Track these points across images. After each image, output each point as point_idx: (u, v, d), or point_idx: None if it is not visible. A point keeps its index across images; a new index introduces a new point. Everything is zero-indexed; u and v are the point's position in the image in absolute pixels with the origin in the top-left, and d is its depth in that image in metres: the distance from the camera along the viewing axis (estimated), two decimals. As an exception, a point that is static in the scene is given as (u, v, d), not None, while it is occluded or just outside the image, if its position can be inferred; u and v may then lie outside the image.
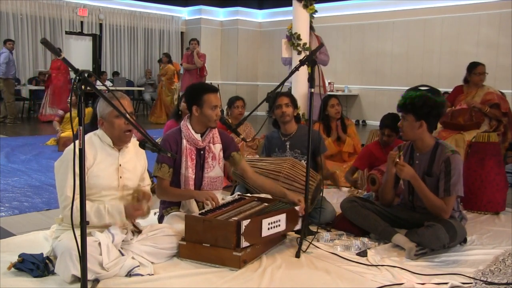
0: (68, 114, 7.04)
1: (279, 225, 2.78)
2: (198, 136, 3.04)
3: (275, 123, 3.97)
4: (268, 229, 2.70)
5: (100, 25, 12.73)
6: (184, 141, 3.04)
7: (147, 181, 2.81)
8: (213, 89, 3.07)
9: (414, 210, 3.15)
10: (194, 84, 3.22)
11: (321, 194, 3.44)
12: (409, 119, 3.01)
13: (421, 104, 2.95)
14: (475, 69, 5.00)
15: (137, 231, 2.70)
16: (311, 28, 6.17)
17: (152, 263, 2.59)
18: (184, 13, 14.31)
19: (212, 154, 3.10)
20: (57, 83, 10.25)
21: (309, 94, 3.09)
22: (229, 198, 3.19)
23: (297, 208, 2.95)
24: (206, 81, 11.20)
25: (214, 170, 3.12)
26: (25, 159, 5.93)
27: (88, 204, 2.41)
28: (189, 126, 3.05)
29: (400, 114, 3.10)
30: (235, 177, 3.77)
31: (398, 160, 2.96)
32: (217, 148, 3.13)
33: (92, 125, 3.84)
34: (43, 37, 2.57)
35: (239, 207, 2.92)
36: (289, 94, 3.98)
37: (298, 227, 2.98)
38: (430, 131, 3.06)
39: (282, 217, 2.80)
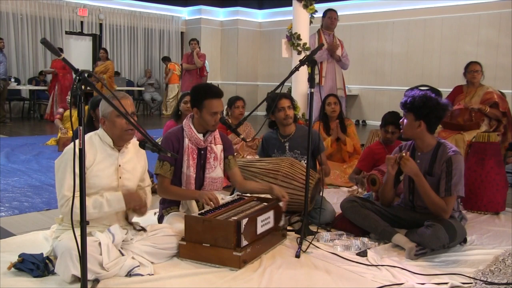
0: (67, 112, 7.05)
1: (269, 222, 2.85)
2: (200, 136, 3.04)
3: (271, 125, 3.96)
4: (261, 226, 2.77)
5: (100, 25, 12.73)
6: (186, 140, 3.04)
7: (147, 182, 2.81)
8: (217, 95, 3.01)
9: (414, 210, 3.15)
10: (200, 86, 3.15)
11: (320, 194, 3.44)
12: (409, 118, 3.01)
13: (421, 104, 2.95)
14: (468, 67, 5.06)
15: (140, 229, 2.69)
16: (328, 29, 6.17)
17: (152, 263, 2.59)
18: (184, 13, 14.31)
19: (214, 155, 3.11)
20: (65, 83, 10.18)
21: (309, 94, 3.09)
22: (228, 198, 3.19)
23: (280, 204, 3.00)
24: (207, 82, 11.30)
25: (216, 170, 3.12)
26: (25, 159, 5.93)
27: (86, 200, 2.41)
28: (192, 126, 3.05)
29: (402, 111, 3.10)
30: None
31: (404, 155, 2.95)
32: (219, 148, 3.14)
33: (88, 125, 3.84)
34: (43, 37, 2.56)
35: (239, 207, 2.92)
36: (289, 96, 3.98)
37: (282, 222, 3.03)
38: (430, 132, 3.05)
39: (271, 214, 2.88)
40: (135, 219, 2.78)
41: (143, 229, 2.70)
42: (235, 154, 3.39)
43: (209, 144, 3.10)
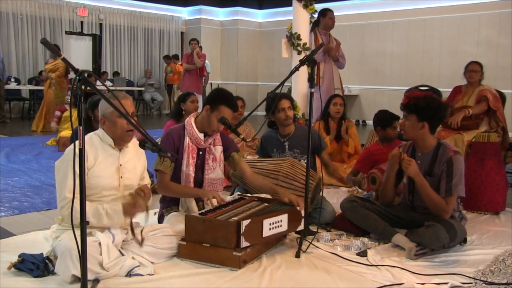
0: (65, 114, 7.04)
1: (280, 226, 2.76)
2: (201, 136, 3.04)
3: (271, 125, 3.96)
4: (270, 229, 2.70)
5: (100, 25, 12.73)
6: (187, 138, 3.04)
7: (147, 180, 2.80)
8: (234, 108, 3.05)
9: (414, 210, 3.15)
10: (226, 91, 3.16)
11: (320, 194, 3.44)
12: (411, 119, 3.00)
13: (425, 105, 2.94)
14: (467, 67, 5.06)
15: (137, 240, 2.67)
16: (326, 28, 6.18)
17: (152, 263, 2.59)
18: (184, 13, 14.32)
19: (213, 156, 3.10)
20: None
21: (309, 94, 3.09)
22: (229, 198, 3.19)
23: (298, 208, 2.94)
24: (208, 82, 11.29)
25: (215, 171, 3.12)
26: (25, 159, 5.93)
27: (87, 205, 2.41)
28: (193, 125, 3.05)
29: (402, 113, 3.10)
30: (234, 179, 3.77)
31: (404, 156, 2.95)
32: (218, 150, 3.13)
33: (86, 125, 3.83)
34: (43, 37, 2.56)
35: (239, 207, 2.92)
36: (288, 96, 3.98)
37: (301, 227, 2.95)
38: (432, 132, 3.06)
39: (284, 217, 2.79)
40: (137, 219, 2.77)
41: (140, 242, 2.67)
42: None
43: (209, 145, 3.10)
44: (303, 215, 2.95)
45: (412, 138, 3.10)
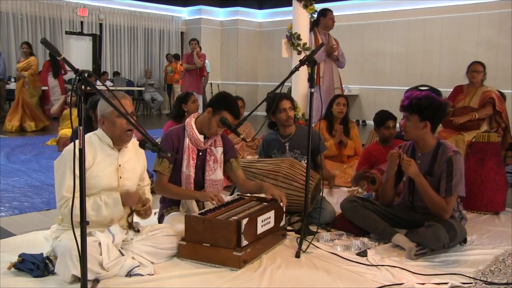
0: (64, 112, 7.04)
1: (269, 222, 2.85)
2: (201, 137, 3.04)
3: (271, 125, 3.96)
4: (262, 226, 2.77)
5: (100, 25, 12.74)
6: (187, 139, 3.04)
7: (147, 181, 2.80)
8: (236, 115, 3.04)
9: (414, 210, 3.15)
10: (231, 97, 3.14)
11: (320, 194, 3.44)
12: (413, 120, 3.00)
13: (427, 105, 2.95)
14: (470, 67, 5.06)
15: (135, 230, 2.68)
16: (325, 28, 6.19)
17: (152, 263, 2.59)
18: (184, 13, 14.32)
19: (214, 157, 3.10)
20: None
21: (309, 94, 3.09)
22: (228, 198, 3.19)
23: (281, 204, 2.99)
24: (207, 82, 11.29)
25: (216, 173, 3.12)
26: (25, 159, 5.93)
27: (86, 201, 2.40)
28: (193, 125, 3.05)
29: (403, 114, 3.09)
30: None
31: (404, 156, 2.96)
32: (219, 151, 3.14)
33: (86, 125, 3.83)
34: (43, 37, 2.55)
35: (239, 206, 2.92)
36: (289, 97, 3.98)
37: (283, 222, 3.03)
38: (433, 132, 3.06)
39: (272, 214, 2.87)
40: (137, 219, 2.77)
41: (137, 231, 2.69)
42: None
43: (209, 146, 3.09)
44: (284, 210, 3.03)
45: (414, 139, 3.10)
